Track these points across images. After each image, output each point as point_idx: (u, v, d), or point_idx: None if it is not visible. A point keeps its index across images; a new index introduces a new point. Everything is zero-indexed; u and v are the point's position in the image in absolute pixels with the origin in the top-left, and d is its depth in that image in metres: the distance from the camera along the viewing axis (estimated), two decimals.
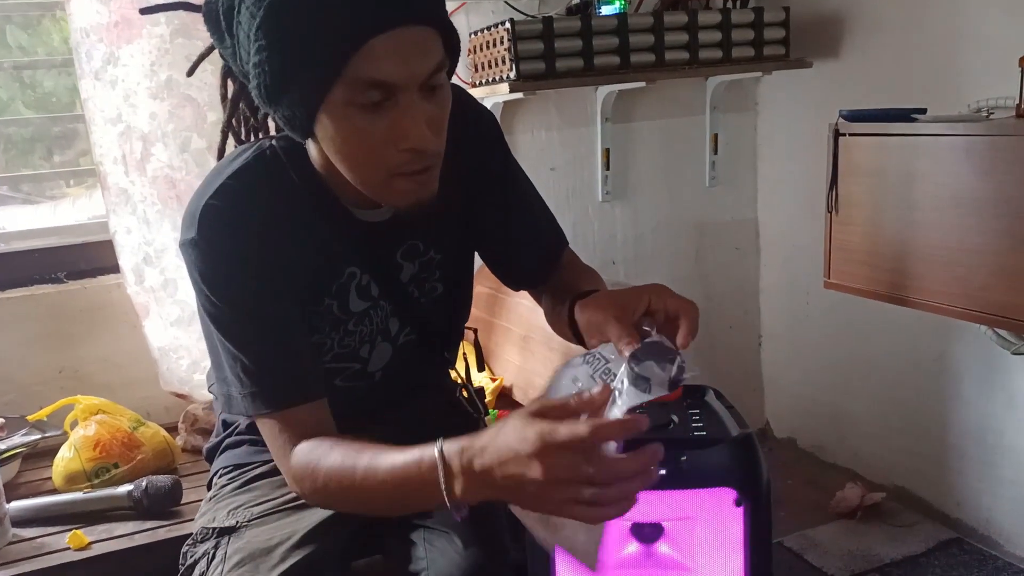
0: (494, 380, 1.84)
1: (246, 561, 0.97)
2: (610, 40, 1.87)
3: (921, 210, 1.49)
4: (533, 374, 1.76)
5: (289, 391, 0.93)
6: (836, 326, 2.26)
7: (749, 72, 2.09)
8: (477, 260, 1.16)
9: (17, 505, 1.47)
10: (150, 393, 1.88)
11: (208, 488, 1.20)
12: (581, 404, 0.74)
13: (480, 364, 1.62)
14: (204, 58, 1.09)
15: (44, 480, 1.65)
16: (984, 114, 1.62)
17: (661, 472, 0.86)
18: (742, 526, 0.98)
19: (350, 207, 0.98)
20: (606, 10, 1.94)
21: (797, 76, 2.16)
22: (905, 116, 1.54)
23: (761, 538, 0.99)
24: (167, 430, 1.73)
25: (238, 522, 1.04)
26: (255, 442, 1.14)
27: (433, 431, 0.83)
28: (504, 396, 1.86)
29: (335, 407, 0.96)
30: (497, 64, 1.85)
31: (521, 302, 1.80)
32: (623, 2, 1.92)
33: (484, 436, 0.75)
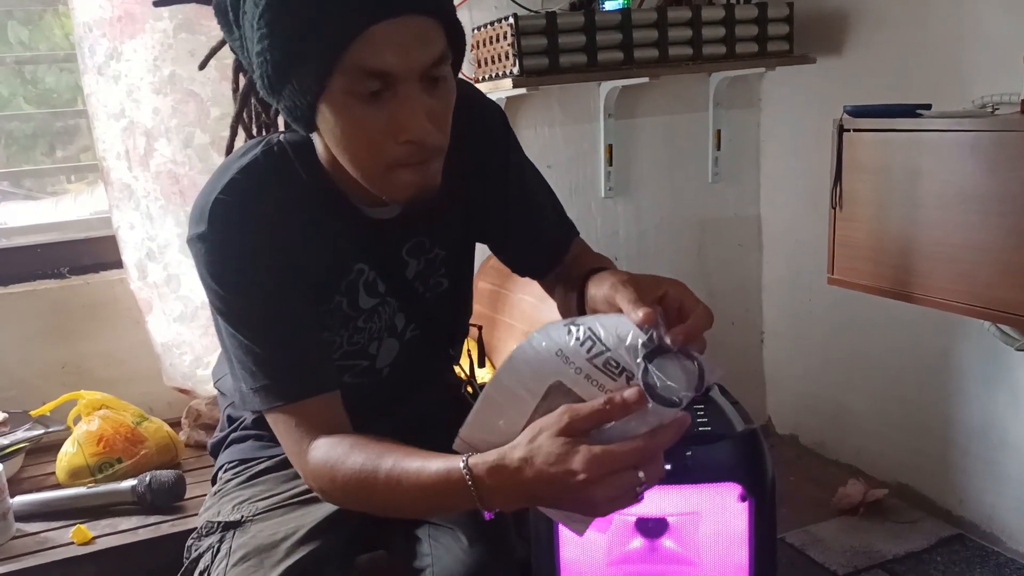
0: None
1: (251, 556, 0.97)
2: (613, 36, 1.87)
3: (925, 206, 1.49)
4: None
5: (303, 383, 0.92)
6: (838, 323, 2.26)
7: (753, 68, 2.09)
8: (478, 256, 1.16)
9: (21, 500, 1.47)
10: (153, 388, 1.88)
11: (213, 483, 1.20)
12: (615, 409, 0.73)
13: (482, 360, 1.62)
14: (216, 51, 1.08)
15: (48, 475, 1.65)
16: (989, 110, 1.62)
17: (666, 467, 0.86)
18: (747, 521, 0.98)
19: (357, 203, 0.98)
20: (609, 5, 1.94)
21: (801, 72, 2.16)
22: (910, 112, 1.53)
23: (766, 533, 0.99)
24: (170, 425, 1.74)
25: (243, 516, 1.04)
26: (260, 437, 1.14)
27: (438, 426, 0.83)
28: None
29: (343, 402, 0.96)
30: (500, 59, 1.85)
31: (524, 298, 1.79)
32: None
33: (517, 452, 0.74)
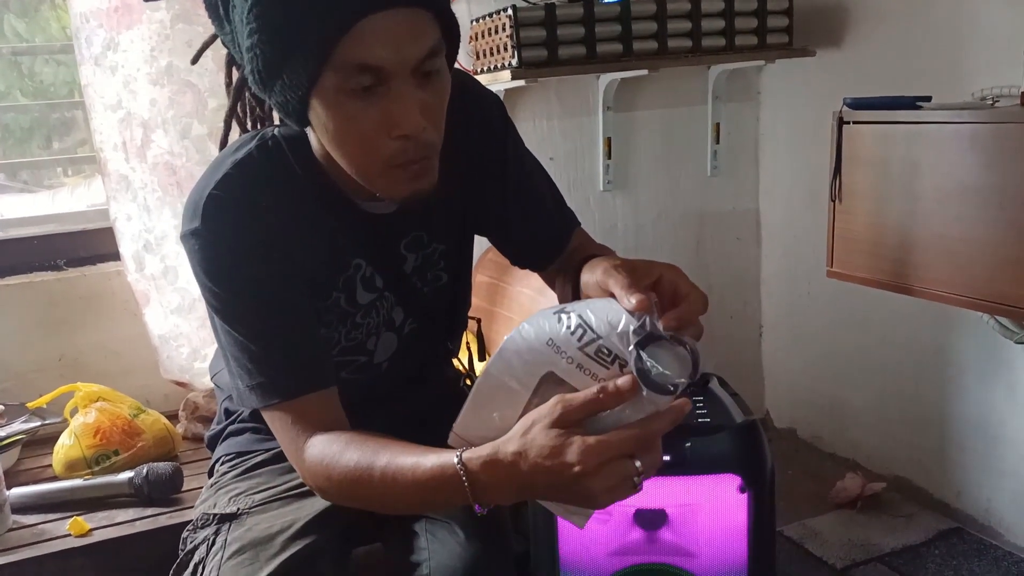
0: None
1: (246, 549, 0.97)
2: (612, 27, 1.86)
3: (925, 199, 1.49)
4: None
5: (299, 380, 0.91)
6: (837, 316, 2.26)
7: (752, 61, 2.08)
8: (476, 249, 1.15)
9: (17, 492, 1.47)
10: (149, 381, 1.88)
11: (209, 475, 1.19)
12: (609, 398, 0.72)
13: (482, 354, 1.61)
14: (208, 46, 1.07)
15: (44, 467, 1.65)
16: (989, 103, 1.62)
17: (666, 458, 0.86)
18: (746, 513, 0.98)
19: (353, 198, 0.97)
20: None
21: (800, 65, 2.15)
22: (910, 104, 1.53)
23: (764, 525, 0.99)
24: (167, 417, 1.73)
25: (239, 509, 1.04)
26: (257, 430, 1.14)
27: (438, 420, 0.83)
28: None
29: (340, 398, 0.95)
30: (499, 51, 1.84)
31: (522, 291, 1.79)
32: None
33: (511, 446, 0.74)
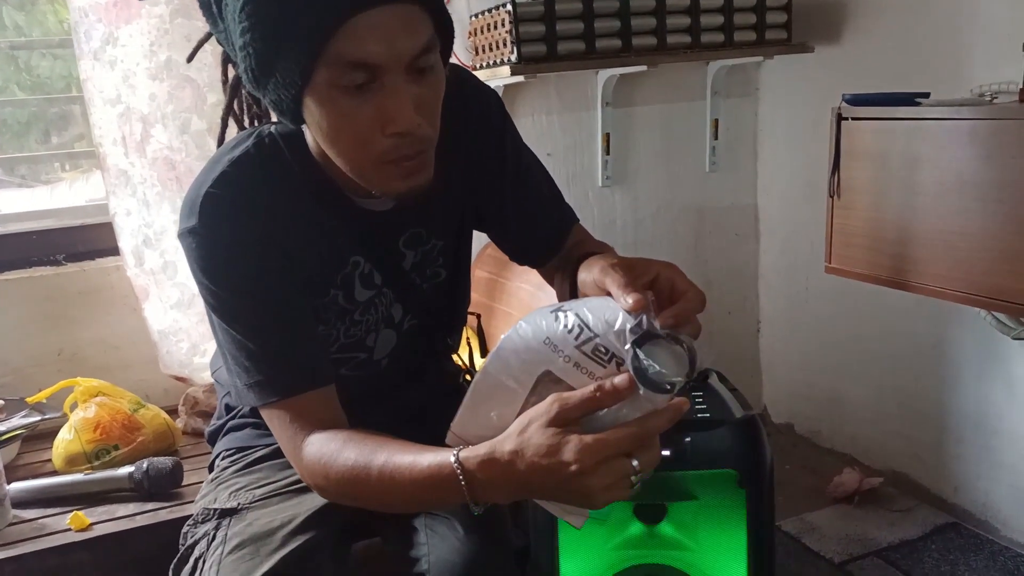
0: None
1: (246, 544, 0.97)
2: (612, 23, 1.86)
3: (923, 195, 1.49)
4: None
5: (297, 378, 0.91)
6: (834, 312, 2.26)
7: (751, 57, 2.09)
8: (475, 244, 1.15)
9: (18, 486, 1.47)
10: (149, 376, 1.88)
11: (210, 471, 1.19)
12: (606, 396, 0.72)
13: (482, 349, 1.61)
14: (203, 43, 1.07)
15: (44, 462, 1.65)
16: (988, 98, 1.62)
17: (665, 453, 0.86)
18: (745, 507, 0.98)
19: (350, 195, 0.97)
20: None
21: (798, 61, 2.15)
22: (909, 100, 1.53)
23: (763, 519, 0.99)
24: (167, 412, 1.73)
25: (239, 504, 1.04)
26: (258, 426, 1.14)
27: (438, 416, 0.83)
28: None
29: (340, 395, 0.95)
30: (498, 47, 1.84)
31: (522, 287, 1.79)
32: None
33: (507, 445, 0.74)
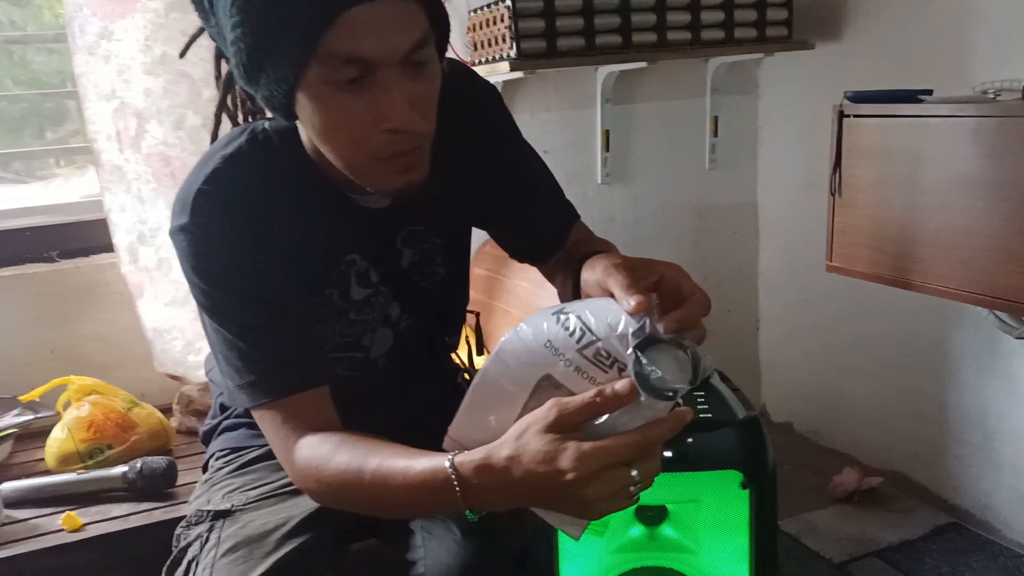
0: None
1: (240, 546, 0.95)
2: (612, 19, 1.85)
3: (926, 193, 1.48)
4: None
5: (290, 379, 0.90)
6: (834, 310, 2.25)
7: (751, 53, 2.07)
8: (474, 241, 1.14)
9: (10, 486, 1.46)
10: (144, 374, 1.86)
11: (204, 471, 1.18)
12: (606, 402, 0.70)
13: (480, 348, 1.60)
14: (196, 38, 1.06)
15: (37, 461, 1.64)
16: (991, 96, 1.61)
17: (667, 454, 0.85)
18: (748, 509, 0.97)
19: (346, 192, 0.95)
20: None
21: (799, 58, 2.14)
22: (911, 97, 1.52)
23: (766, 520, 0.98)
24: (161, 411, 1.72)
25: (233, 506, 1.02)
26: (252, 426, 1.12)
27: (436, 416, 0.81)
28: None
29: (336, 395, 0.94)
30: (497, 42, 1.82)
31: (520, 284, 1.78)
32: None
33: (504, 450, 0.72)
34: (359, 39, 0.76)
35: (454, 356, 1.23)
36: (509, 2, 1.73)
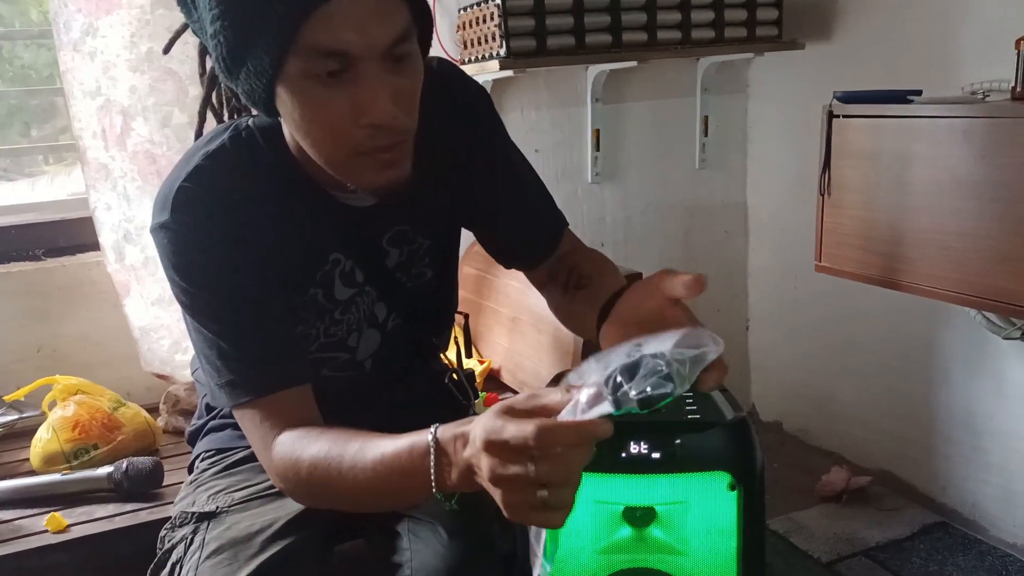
0: (482, 363, 1.82)
1: (225, 549, 0.94)
2: (602, 18, 1.85)
3: (915, 193, 1.48)
4: (522, 356, 1.75)
5: (270, 377, 0.89)
6: (824, 310, 2.25)
7: (741, 53, 2.08)
8: (463, 241, 1.13)
9: None
10: (130, 373, 1.85)
11: (189, 472, 1.17)
12: (545, 407, 0.67)
13: (468, 349, 1.59)
14: (180, 34, 1.05)
15: (22, 461, 1.62)
16: (980, 96, 1.61)
17: (655, 455, 0.84)
18: (736, 510, 0.97)
19: (330, 190, 0.94)
20: None
21: (789, 58, 2.14)
22: (901, 98, 1.52)
23: (755, 522, 0.98)
24: (148, 411, 1.70)
25: (218, 507, 1.01)
26: (238, 426, 1.11)
27: (423, 418, 0.80)
28: (493, 379, 1.84)
29: (322, 397, 0.93)
30: (487, 41, 1.82)
31: (510, 283, 1.77)
32: None
33: (475, 423, 0.71)
34: (338, 31, 0.75)
35: (443, 356, 1.22)
36: (499, 0, 1.73)
